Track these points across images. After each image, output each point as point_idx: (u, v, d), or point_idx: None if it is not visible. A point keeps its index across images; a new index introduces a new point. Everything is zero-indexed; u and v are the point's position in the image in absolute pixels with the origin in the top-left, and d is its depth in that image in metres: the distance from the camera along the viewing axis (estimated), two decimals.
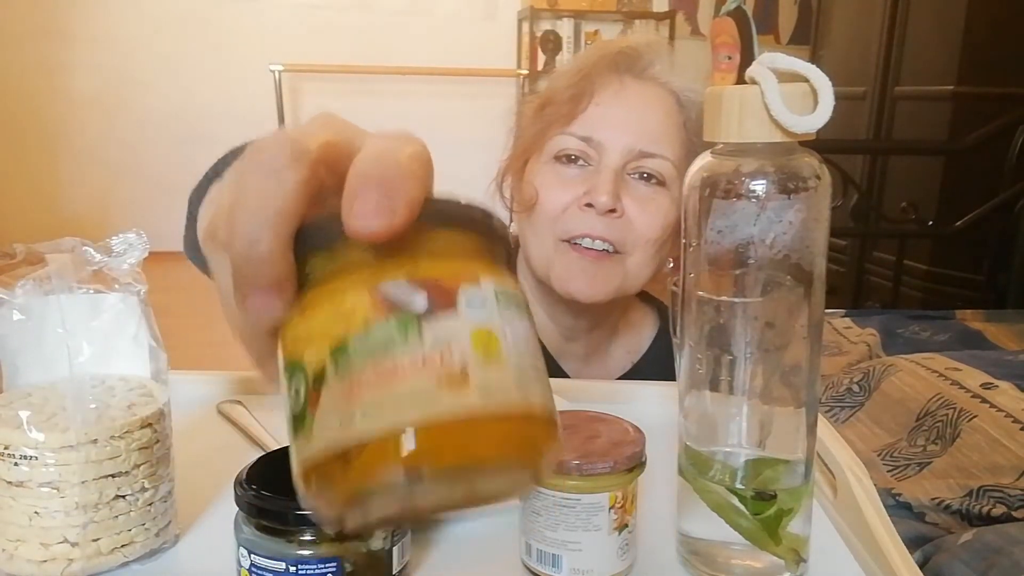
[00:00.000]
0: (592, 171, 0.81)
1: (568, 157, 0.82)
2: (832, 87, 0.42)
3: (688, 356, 0.49)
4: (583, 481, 0.47)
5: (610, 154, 0.80)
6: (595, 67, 0.84)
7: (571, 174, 0.82)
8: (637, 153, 0.80)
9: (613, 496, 0.47)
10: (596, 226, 0.80)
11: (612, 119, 0.81)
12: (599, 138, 0.81)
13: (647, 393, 0.79)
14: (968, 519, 1.10)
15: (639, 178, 0.81)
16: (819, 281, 0.46)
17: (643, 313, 0.96)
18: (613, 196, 0.78)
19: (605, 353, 0.93)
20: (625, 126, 0.81)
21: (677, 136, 0.82)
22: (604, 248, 0.80)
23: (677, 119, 0.83)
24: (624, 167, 0.80)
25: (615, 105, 0.82)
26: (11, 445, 0.46)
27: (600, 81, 0.82)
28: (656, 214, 0.80)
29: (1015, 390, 1.32)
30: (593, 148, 0.81)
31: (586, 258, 0.81)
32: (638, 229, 0.80)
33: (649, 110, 0.82)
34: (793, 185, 0.44)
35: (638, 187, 0.81)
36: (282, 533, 0.43)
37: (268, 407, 0.75)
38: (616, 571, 0.49)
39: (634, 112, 0.82)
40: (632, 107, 0.82)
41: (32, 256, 0.49)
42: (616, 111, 0.82)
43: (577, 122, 0.81)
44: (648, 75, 0.84)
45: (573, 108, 0.82)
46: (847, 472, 0.55)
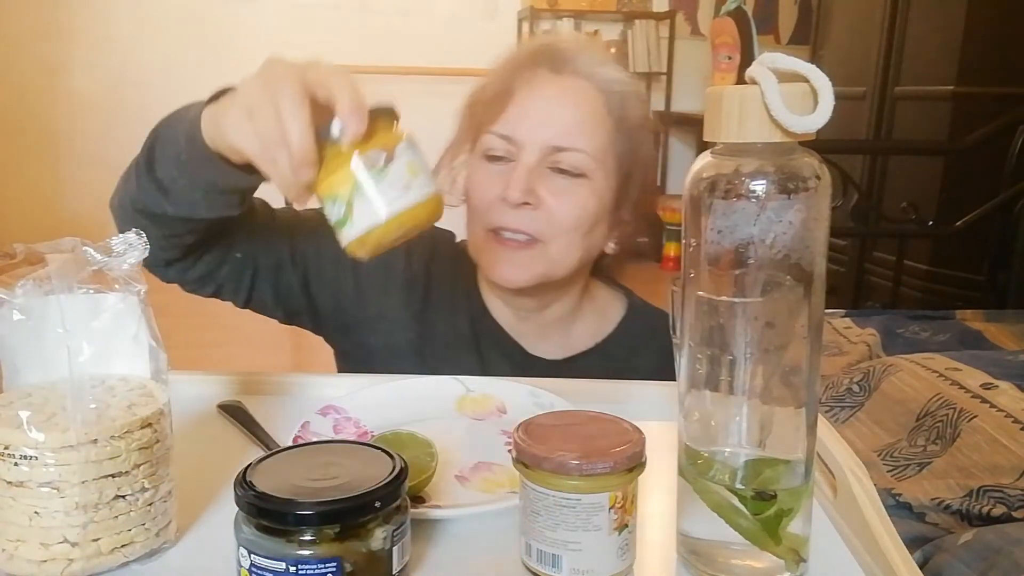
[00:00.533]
0: (513, 166, 0.85)
1: (494, 155, 0.86)
2: (832, 87, 0.42)
3: (688, 356, 0.49)
4: (583, 481, 0.47)
5: (527, 151, 0.84)
6: (515, 67, 0.87)
7: (495, 170, 0.86)
8: (551, 148, 0.84)
9: (613, 496, 0.47)
10: (514, 218, 0.84)
11: (529, 117, 0.85)
12: (518, 136, 0.84)
13: (647, 393, 0.79)
14: (968, 519, 1.10)
15: (556, 172, 0.84)
16: (819, 281, 0.46)
17: (611, 298, 1.00)
18: (524, 192, 0.82)
19: (565, 332, 0.96)
20: (541, 123, 0.84)
21: (598, 128, 0.85)
22: (524, 238, 0.85)
23: (597, 110, 0.85)
24: (540, 162, 0.84)
25: (532, 103, 0.85)
26: (11, 445, 0.46)
27: (520, 80, 0.86)
28: (574, 204, 0.84)
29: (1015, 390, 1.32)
30: (513, 146, 0.85)
31: (508, 247, 0.85)
32: (556, 219, 0.84)
33: (566, 105, 0.85)
34: (793, 185, 0.44)
35: (555, 180, 0.84)
36: (282, 533, 0.43)
37: (268, 407, 0.75)
38: (616, 571, 0.49)
39: (550, 108, 0.85)
40: (548, 103, 0.85)
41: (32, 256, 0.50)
42: (533, 108, 0.85)
43: (500, 121, 0.85)
44: (568, 70, 0.86)
45: (496, 108, 0.86)
46: (847, 472, 0.55)
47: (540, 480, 0.48)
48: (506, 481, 0.62)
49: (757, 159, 0.45)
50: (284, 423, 0.70)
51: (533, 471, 0.48)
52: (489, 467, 0.65)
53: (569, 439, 0.49)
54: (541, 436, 0.49)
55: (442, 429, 0.69)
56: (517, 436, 0.50)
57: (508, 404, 0.76)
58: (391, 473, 0.46)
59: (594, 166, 0.84)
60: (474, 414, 0.75)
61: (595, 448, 0.48)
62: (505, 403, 0.76)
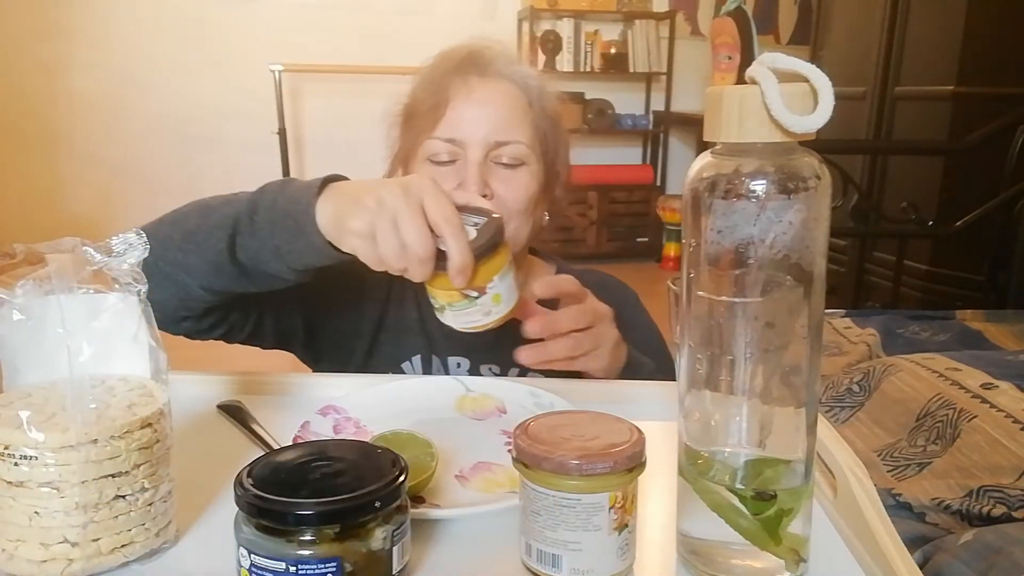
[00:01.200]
0: (461, 165, 0.93)
1: (440, 159, 0.94)
2: (832, 87, 0.42)
3: (688, 356, 0.49)
4: (583, 481, 0.47)
5: (472, 149, 0.92)
6: (444, 76, 0.96)
7: (444, 172, 0.94)
8: (493, 143, 0.93)
9: (613, 496, 0.47)
10: None
11: (468, 119, 0.93)
12: (460, 137, 0.93)
13: (647, 393, 0.79)
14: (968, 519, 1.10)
15: (499, 164, 0.94)
16: (819, 281, 0.46)
17: (545, 268, 1.10)
18: (481, 184, 0.92)
19: None
20: (479, 122, 0.93)
21: (525, 120, 0.95)
22: None
23: (521, 105, 0.96)
24: (486, 157, 0.93)
25: (468, 106, 0.93)
26: (11, 445, 0.46)
27: (452, 87, 0.94)
28: (519, 189, 0.94)
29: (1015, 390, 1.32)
30: (458, 146, 0.93)
31: None
32: (508, 205, 0.93)
33: (497, 104, 0.94)
34: (793, 185, 0.44)
35: (500, 171, 0.94)
36: (282, 533, 0.43)
37: (268, 407, 0.75)
38: (616, 571, 0.49)
39: (485, 108, 0.94)
40: (482, 104, 0.94)
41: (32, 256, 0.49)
42: (470, 111, 0.93)
43: (440, 127, 0.93)
44: (490, 72, 0.95)
45: (434, 116, 0.94)
46: (847, 472, 0.55)
47: (540, 480, 0.48)
48: (506, 481, 0.62)
49: (757, 159, 0.45)
50: (284, 423, 0.70)
51: (533, 471, 0.48)
52: (489, 467, 0.65)
53: (569, 439, 0.49)
54: (541, 436, 0.49)
55: (442, 429, 0.69)
56: (517, 436, 0.50)
57: (508, 404, 0.76)
58: (391, 473, 0.46)
59: (530, 153, 0.95)
60: (474, 414, 0.75)
61: (595, 448, 0.48)
62: (505, 403, 0.76)
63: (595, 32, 5.00)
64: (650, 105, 5.25)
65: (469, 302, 0.72)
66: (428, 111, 0.94)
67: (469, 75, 0.95)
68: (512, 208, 0.93)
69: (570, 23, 4.90)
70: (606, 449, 0.47)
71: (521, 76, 0.96)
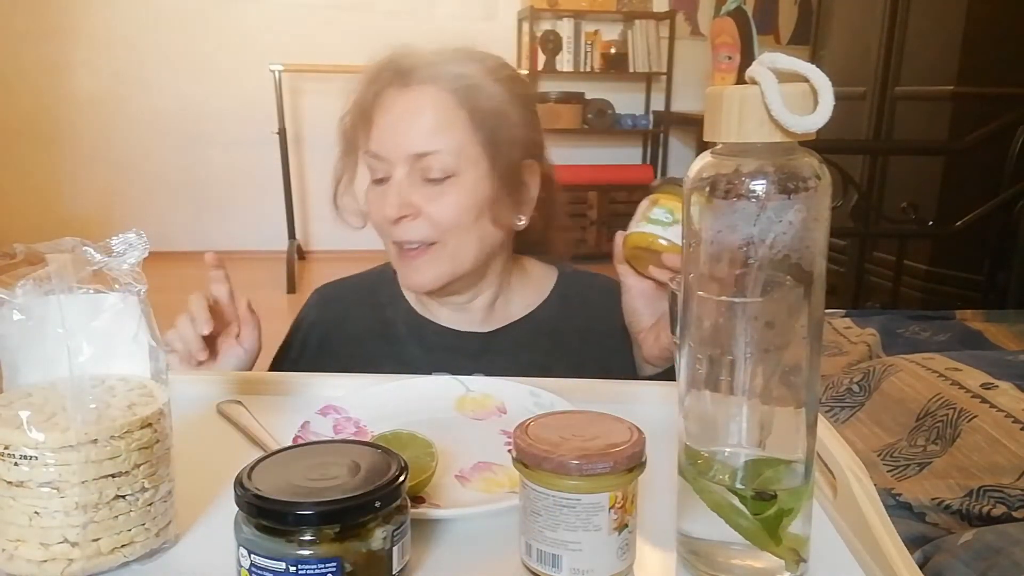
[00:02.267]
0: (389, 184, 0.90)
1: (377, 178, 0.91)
2: (832, 87, 0.42)
3: (688, 356, 0.49)
4: (583, 481, 0.47)
5: (396, 166, 0.89)
6: (367, 90, 0.91)
7: (380, 191, 0.91)
8: (415, 157, 0.88)
9: (613, 496, 0.47)
10: (406, 232, 0.90)
11: (389, 133, 0.89)
12: (384, 153, 0.89)
13: (647, 393, 0.79)
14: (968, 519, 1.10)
15: (427, 179, 0.88)
16: (819, 281, 0.46)
17: (544, 271, 1.05)
18: (399, 207, 0.88)
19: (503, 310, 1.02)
20: (399, 136, 0.89)
21: (453, 126, 0.88)
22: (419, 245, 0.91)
23: (450, 110, 0.88)
24: (410, 173, 0.88)
25: (389, 119, 0.89)
26: (11, 445, 0.46)
27: (375, 101, 0.90)
28: (452, 206, 0.89)
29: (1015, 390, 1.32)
30: (384, 163, 0.90)
31: (409, 256, 0.92)
32: (439, 222, 0.89)
33: (418, 114, 0.88)
34: (793, 185, 0.44)
35: (428, 187, 0.89)
36: (282, 533, 0.43)
37: (268, 407, 0.75)
38: (616, 571, 0.49)
39: (404, 120, 0.89)
40: (402, 116, 0.89)
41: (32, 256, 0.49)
42: (390, 125, 0.89)
43: (370, 141, 0.90)
44: (414, 81, 0.89)
45: (363, 130, 0.91)
46: (847, 472, 0.55)
47: (540, 480, 0.48)
48: (506, 481, 0.62)
49: (757, 159, 0.45)
50: (284, 423, 0.70)
51: (533, 471, 0.48)
52: (489, 467, 0.65)
53: (569, 439, 0.49)
54: (541, 436, 0.49)
55: (442, 429, 0.69)
56: (517, 436, 0.50)
57: (508, 404, 0.76)
58: (391, 473, 0.46)
59: (460, 163, 0.88)
60: (474, 414, 0.75)
61: (595, 448, 0.48)
62: (505, 403, 0.76)
63: (595, 32, 5.00)
64: (650, 105, 5.25)
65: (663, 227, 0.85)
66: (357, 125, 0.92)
67: (388, 87, 0.90)
68: (443, 226, 0.89)
69: (570, 23, 4.90)
70: (606, 449, 0.47)
71: (449, 78, 0.89)
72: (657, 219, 0.85)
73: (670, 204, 0.85)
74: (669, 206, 0.85)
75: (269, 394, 0.80)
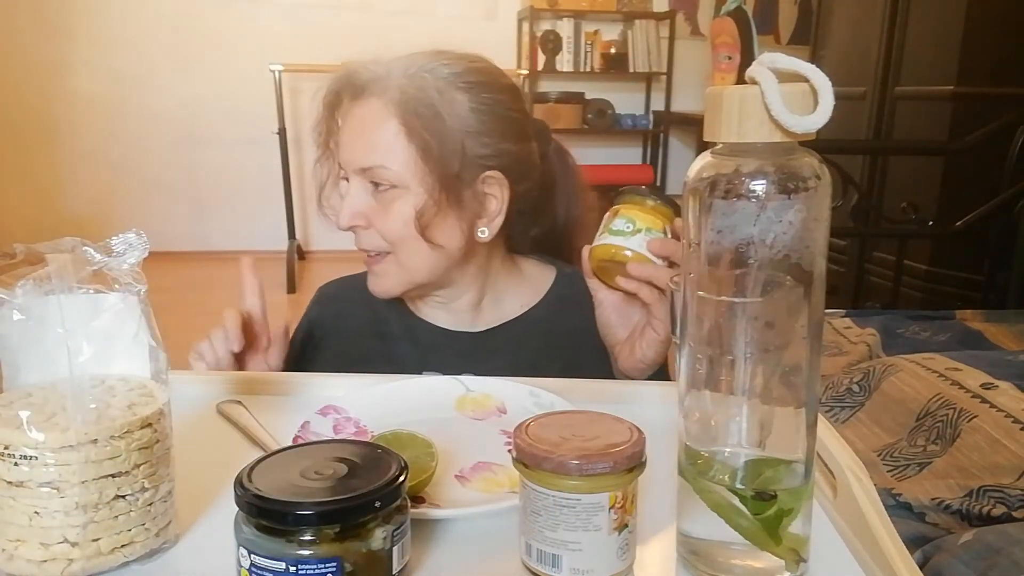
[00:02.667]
0: None
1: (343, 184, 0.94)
2: (832, 87, 0.42)
3: (688, 356, 0.49)
4: (583, 481, 0.47)
5: (350, 175, 0.91)
6: (331, 102, 0.93)
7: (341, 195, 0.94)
8: (361, 170, 0.90)
9: (613, 496, 0.47)
10: (358, 240, 0.93)
11: (345, 145, 0.92)
12: (343, 163, 0.92)
13: (647, 393, 0.79)
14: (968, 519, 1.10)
15: (377, 191, 0.90)
16: (819, 281, 0.46)
17: (541, 271, 1.05)
18: (349, 217, 0.90)
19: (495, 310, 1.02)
20: (350, 149, 0.91)
21: (394, 142, 0.87)
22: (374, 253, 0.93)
23: (391, 126, 0.87)
24: (362, 184, 0.90)
25: (344, 132, 0.92)
26: (11, 445, 0.46)
27: (338, 113, 0.93)
28: (395, 218, 0.89)
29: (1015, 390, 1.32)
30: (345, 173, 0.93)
31: (371, 262, 0.94)
32: (385, 234, 0.90)
33: (366, 127, 0.89)
34: (793, 185, 0.44)
35: (377, 197, 0.90)
36: (282, 533, 0.43)
37: (268, 407, 0.75)
38: (616, 571, 0.49)
39: (355, 133, 0.90)
40: (354, 129, 0.91)
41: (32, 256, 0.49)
42: (344, 137, 0.92)
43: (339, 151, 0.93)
44: (364, 95, 0.89)
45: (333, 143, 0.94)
46: (847, 472, 0.55)
47: (540, 480, 0.48)
48: (506, 481, 0.62)
49: (757, 159, 0.45)
50: (284, 423, 0.70)
51: (533, 471, 0.48)
52: (489, 467, 0.65)
53: (569, 439, 0.49)
54: (541, 436, 0.49)
55: (442, 429, 0.69)
56: (517, 436, 0.50)
57: (508, 404, 0.76)
58: (391, 473, 0.46)
59: (404, 176, 0.87)
60: (474, 414, 0.75)
61: (595, 448, 0.48)
62: (505, 403, 0.76)
63: (595, 32, 5.00)
64: (650, 105, 5.25)
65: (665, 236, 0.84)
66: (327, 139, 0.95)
67: (343, 99, 0.92)
68: (390, 237, 0.89)
69: (570, 23, 4.90)
70: (606, 449, 0.47)
71: (393, 92, 0.87)
72: (619, 230, 0.84)
73: (631, 213, 0.85)
74: (630, 215, 0.85)
75: (269, 394, 0.80)
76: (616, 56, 4.98)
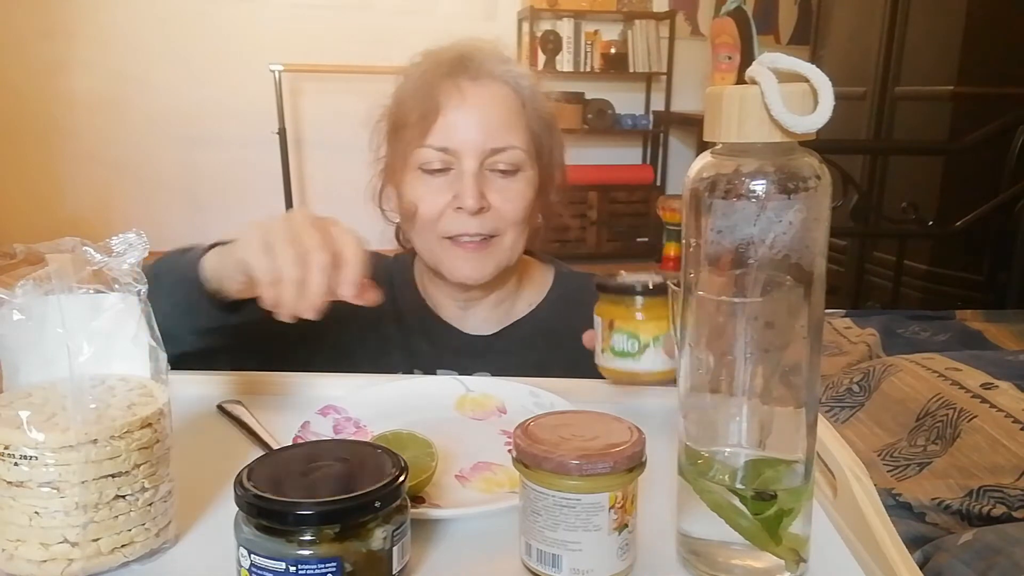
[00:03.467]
0: (456, 175, 0.89)
1: (433, 168, 0.90)
2: (832, 87, 0.42)
3: (688, 356, 0.49)
4: (583, 481, 0.47)
5: (466, 159, 0.89)
6: (433, 81, 0.90)
7: (438, 182, 0.90)
8: (489, 151, 0.89)
9: (613, 496, 0.47)
10: (470, 225, 0.90)
11: (460, 126, 0.89)
12: (454, 146, 0.89)
13: (647, 393, 0.79)
14: (968, 519, 1.10)
15: (498, 172, 0.90)
16: (819, 281, 0.46)
17: (542, 270, 1.06)
18: (477, 197, 0.88)
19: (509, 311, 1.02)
20: (473, 130, 0.89)
21: (519, 122, 0.91)
22: (480, 239, 0.91)
23: (515, 107, 0.91)
24: (482, 165, 0.89)
25: (460, 113, 0.89)
26: (11, 445, 0.46)
27: (442, 93, 0.89)
28: (518, 199, 0.91)
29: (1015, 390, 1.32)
30: (451, 155, 0.89)
31: (466, 250, 0.91)
32: (505, 216, 0.90)
33: (490, 108, 0.90)
34: (793, 185, 0.44)
35: (497, 180, 0.90)
36: (282, 533, 0.43)
37: (268, 407, 0.75)
38: (616, 571, 0.49)
39: (477, 114, 0.89)
40: (475, 110, 0.89)
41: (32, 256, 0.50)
42: (462, 118, 0.89)
43: (431, 135, 0.89)
44: (482, 73, 0.91)
45: (424, 125, 0.89)
46: (847, 472, 0.55)
47: (540, 480, 0.48)
48: (506, 481, 0.62)
49: (757, 159, 0.45)
50: (284, 423, 0.70)
51: (533, 471, 0.48)
52: (489, 467, 0.65)
53: (569, 439, 0.49)
54: (541, 436, 0.49)
55: (442, 429, 0.69)
56: (517, 436, 0.50)
57: (508, 404, 0.76)
58: (391, 473, 0.46)
59: (526, 159, 0.91)
60: (474, 414, 0.75)
61: (595, 448, 0.48)
62: (505, 403, 0.76)
63: (595, 32, 4.99)
64: (650, 105, 5.25)
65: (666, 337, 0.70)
66: (418, 119, 0.90)
67: (460, 79, 0.89)
68: (510, 219, 0.91)
69: (570, 23, 4.89)
70: (606, 449, 0.47)
71: (514, 77, 0.92)
72: (623, 351, 0.71)
73: (628, 328, 0.71)
74: (628, 330, 0.71)
75: (269, 394, 0.80)
76: (616, 56, 4.98)
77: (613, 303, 0.72)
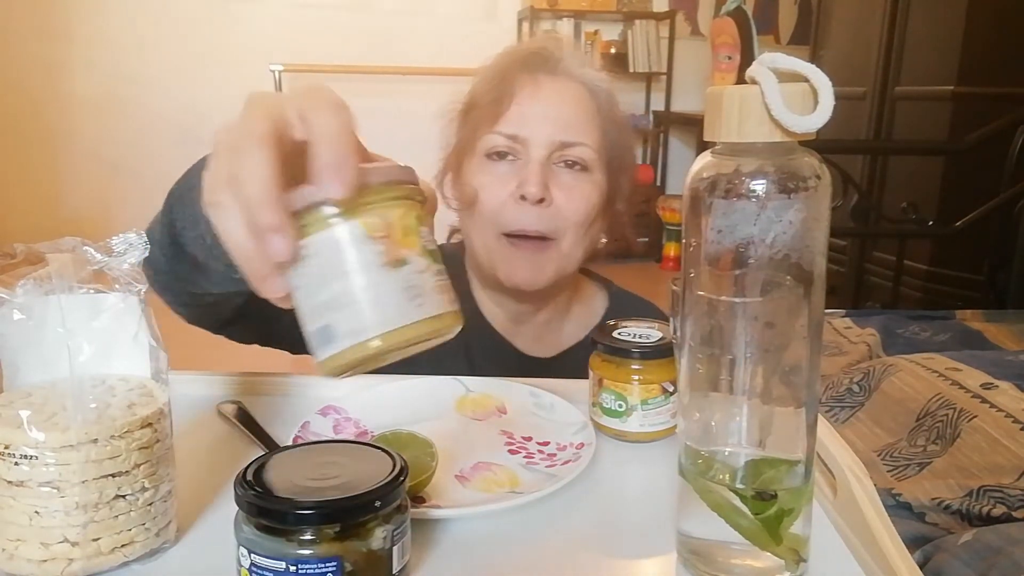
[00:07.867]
0: (521, 164, 0.88)
1: (498, 154, 0.89)
2: (832, 87, 0.42)
3: (688, 356, 0.49)
4: None
5: (535, 147, 0.88)
6: (510, 70, 0.91)
7: (503, 170, 0.89)
8: (559, 143, 0.88)
9: (367, 224, 0.41)
10: (530, 219, 0.88)
11: (533, 115, 0.89)
12: (524, 134, 0.88)
13: None
14: (968, 519, 1.10)
15: (564, 166, 0.89)
16: (819, 281, 0.46)
17: (593, 290, 1.04)
18: (542, 186, 0.86)
19: (558, 330, 1.00)
20: (545, 120, 0.88)
21: (592, 123, 0.90)
22: (538, 239, 0.89)
23: (590, 107, 0.91)
24: (549, 157, 0.88)
25: (534, 102, 0.89)
26: (11, 445, 0.46)
27: (517, 82, 0.90)
28: (581, 199, 0.89)
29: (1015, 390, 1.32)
30: (519, 143, 0.88)
31: (524, 251, 0.89)
32: (566, 215, 0.88)
33: (564, 103, 0.90)
34: (793, 185, 0.44)
35: (563, 175, 0.89)
36: (282, 533, 0.43)
37: (268, 407, 0.75)
38: (410, 320, 0.42)
39: (551, 106, 0.89)
40: (549, 102, 0.89)
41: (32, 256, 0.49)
42: (536, 108, 0.89)
43: (502, 122, 0.89)
44: (559, 70, 0.91)
45: (496, 110, 0.89)
46: (847, 472, 0.55)
47: None
48: (506, 481, 0.62)
49: (757, 159, 0.45)
50: (284, 423, 0.70)
51: None
52: (489, 467, 0.65)
53: None
54: None
55: (442, 429, 0.69)
56: None
57: (508, 404, 0.76)
58: (391, 473, 0.46)
59: (595, 159, 0.89)
60: (474, 414, 0.75)
61: None
62: (505, 403, 0.76)
63: (595, 32, 5.00)
64: (650, 105, 5.25)
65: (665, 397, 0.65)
66: (489, 105, 0.90)
67: (537, 72, 0.90)
68: (571, 220, 0.88)
69: (570, 23, 4.90)
70: None
71: (590, 79, 0.92)
72: (610, 409, 0.68)
73: (617, 389, 0.68)
74: (616, 391, 0.68)
75: (269, 394, 0.80)
76: (616, 56, 4.98)
77: (604, 360, 0.68)
